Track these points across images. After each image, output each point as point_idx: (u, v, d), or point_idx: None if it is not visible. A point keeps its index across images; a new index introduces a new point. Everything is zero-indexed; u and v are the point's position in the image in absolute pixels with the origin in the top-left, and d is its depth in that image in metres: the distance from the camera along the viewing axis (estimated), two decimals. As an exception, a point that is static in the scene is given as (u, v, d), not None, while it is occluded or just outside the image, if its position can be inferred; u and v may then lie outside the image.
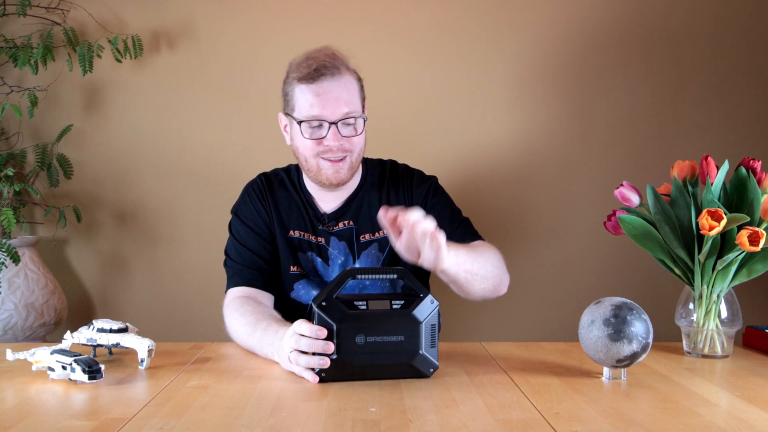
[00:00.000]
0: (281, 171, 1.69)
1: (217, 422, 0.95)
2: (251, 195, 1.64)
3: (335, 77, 1.46)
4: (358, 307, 1.16)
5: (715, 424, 0.97)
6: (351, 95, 1.48)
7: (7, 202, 2.22)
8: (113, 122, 2.39)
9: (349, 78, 1.49)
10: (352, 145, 1.50)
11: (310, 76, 1.45)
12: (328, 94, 1.45)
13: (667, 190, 1.42)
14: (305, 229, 1.59)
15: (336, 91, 1.45)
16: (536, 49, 2.38)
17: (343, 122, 1.47)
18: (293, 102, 1.50)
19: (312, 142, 1.48)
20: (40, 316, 2.22)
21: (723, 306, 1.38)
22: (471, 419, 0.97)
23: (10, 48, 2.25)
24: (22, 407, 1.01)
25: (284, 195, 1.62)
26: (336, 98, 1.45)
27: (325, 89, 1.45)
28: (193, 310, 2.39)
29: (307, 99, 1.46)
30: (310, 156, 1.50)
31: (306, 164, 1.53)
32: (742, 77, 2.40)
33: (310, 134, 1.48)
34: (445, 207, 1.60)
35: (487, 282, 1.44)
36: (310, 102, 1.46)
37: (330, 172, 1.50)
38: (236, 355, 1.35)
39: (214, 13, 2.37)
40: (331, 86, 1.45)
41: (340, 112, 1.46)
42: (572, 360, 1.32)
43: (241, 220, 1.61)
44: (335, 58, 1.48)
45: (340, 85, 1.46)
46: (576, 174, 2.40)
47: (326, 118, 1.46)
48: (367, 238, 1.58)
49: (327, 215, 1.59)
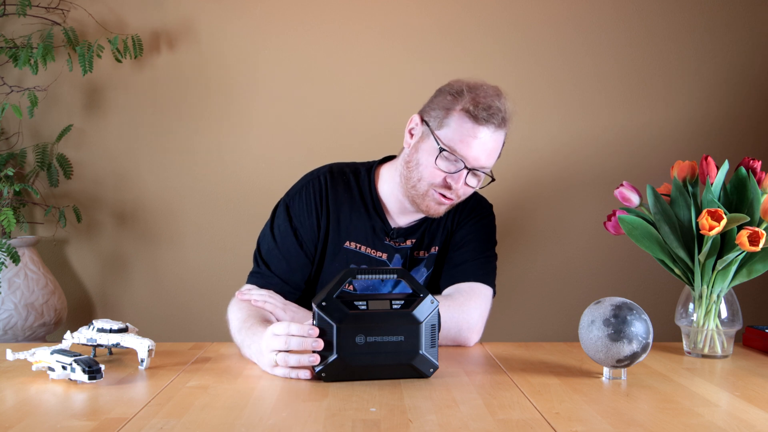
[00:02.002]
0: (348, 171, 1.56)
1: (217, 422, 0.95)
2: (309, 192, 1.51)
3: (498, 130, 1.40)
4: (358, 307, 1.16)
5: (715, 424, 0.97)
6: (495, 151, 1.43)
7: (7, 202, 2.22)
8: (113, 122, 2.39)
9: (504, 133, 1.43)
10: (465, 193, 1.45)
11: (481, 117, 1.38)
12: (484, 144, 1.39)
13: (667, 190, 1.42)
14: (366, 241, 1.51)
15: (491, 144, 1.40)
16: (536, 49, 2.38)
17: (474, 172, 1.42)
18: (446, 123, 1.41)
19: (440, 173, 1.41)
20: (40, 316, 2.22)
21: (723, 306, 1.38)
22: (471, 419, 0.97)
23: (10, 48, 2.25)
24: (22, 407, 1.01)
25: (348, 200, 1.51)
26: (486, 150, 1.40)
27: (485, 137, 1.39)
28: (193, 310, 2.39)
29: (464, 135, 1.38)
30: (427, 181, 1.42)
31: (417, 183, 1.44)
32: (742, 77, 2.40)
33: (445, 167, 1.41)
34: (478, 236, 1.54)
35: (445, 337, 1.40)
36: (465, 140, 1.38)
37: (434, 205, 1.44)
38: (236, 355, 1.35)
39: (214, 13, 2.37)
40: (491, 138, 1.40)
41: (480, 163, 1.41)
42: (572, 360, 1.32)
43: (290, 215, 1.50)
44: (507, 111, 1.41)
45: (496, 139, 1.41)
46: (576, 174, 2.40)
47: (467, 162, 1.40)
48: (421, 255, 1.54)
49: (398, 230, 1.52)
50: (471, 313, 1.42)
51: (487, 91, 1.42)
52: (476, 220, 1.57)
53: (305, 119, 2.40)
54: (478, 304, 1.44)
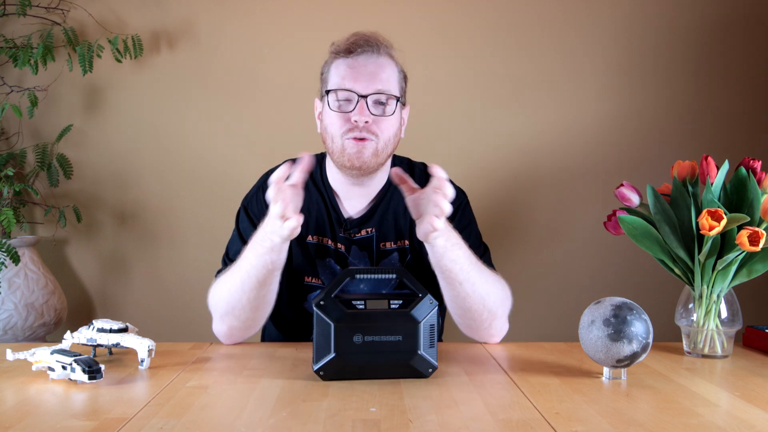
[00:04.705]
0: None
1: (217, 422, 0.95)
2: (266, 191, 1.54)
3: (374, 54, 1.39)
4: (356, 307, 1.16)
5: (715, 424, 0.97)
6: (388, 75, 1.40)
7: (7, 202, 2.22)
8: (113, 122, 2.39)
9: (387, 60, 1.42)
10: (380, 128, 1.40)
11: (348, 49, 1.39)
12: (362, 68, 1.38)
13: (667, 190, 1.42)
14: (324, 233, 1.50)
15: (371, 66, 1.39)
16: (537, 49, 2.38)
17: (375, 99, 1.38)
18: (327, 77, 1.43)
19: (338, 117, 1.39)
20: (40, 316, 2.22)
21: (723, 306, 1.38)
22: (471, 419, 0.97)
23: (10, 48, 2.25)
24: (22, 407, 1.01)
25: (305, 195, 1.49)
26: (370, 73, 1.38)
27: (360, 63, 1.38)
28: (193, 310, 2.39)
29: (340, 71, 1.40)
30: (337, 134, 1.40)
31: (332, 144, 1.43)
32: (742, 77, 2.40)
33: (337, 107, 1.39)
34: (470, 235, 1.49)
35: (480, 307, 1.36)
36: (343, 74, 1.39)
37: (353, 152, 1.40)
38: (236, 355, 1.35)
39: (214, 13, 2.37)
40: (367, 61, 1.39)
41: (372, 88, 1.37)
42: (572, 360, 1.32)
43: (250, 216, 1.51)
44: (378, 39, 1.41)
45: (377, 62, 1.39)
46: (576, 174, 2.40)
47: (356, 91, 1.37)
48: (388, 247, 1.50)
49: (350, 221, 1.50)
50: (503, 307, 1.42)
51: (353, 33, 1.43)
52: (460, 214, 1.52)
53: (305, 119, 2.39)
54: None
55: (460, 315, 1.40)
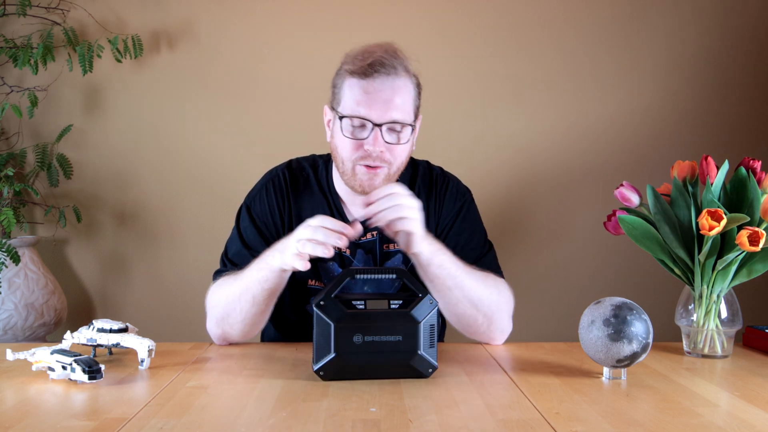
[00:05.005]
0: (307, 165, 1.53)
1: (217, 422, 0.95)
2: (269, 191, 1.49)
3: (390, 77, 1.32)
4: (356, 307, 1.16)
5: (715, 424, 0.97)
6: (404, 100, 1.34)
7: (7, 202, 2.22)
8: (113, 122, 2.39)
9: (405, 81, 1.35)
10: (393, 155, 1.36)
11: (363, 70, 1.31)
12: (378, 94, 1.32)
13: (667, 190, 1.42)
14: None
15: (387, 92, 1.32)
16: (536, 49, 2.38)
17: (389, 127, 1.34)
18: (340, 95, 1.36)
19: (351, 143, 1.34)
20: (40, 316, 2.22)
21: (723, 306, 1.38)
22: (471, 419, 0.97)
23: (10, 48, 2.25)
24: (22, 407, 1.01)
25: (309, 197, 1.48)
26: (386, 100, 1.32)
27: (375, 88, 1.32)
28: (193, 310, 2.38)
29: (355, 95, 1.33)
30: (348, 159, 1.36)
31: (342, 166, 1.39)
32: (741, 77, 2.40)
33: (351, 133, 1.34)
34: (474, 233, 1.49)
35: (473, 312, 1.35)
36: (358, 99, 1.32)
37: (365, 179, 1.36)
38: (236, 355, 1.35)
39: (214, 13, 2.37)
40: (383, 86, 1.32)
41: (387, 117, 1.32)
42: (572, 360, 1.32)
43: (252, 216, 1.48)
44: (395, 56, 1.34)
45: (393, 86, 1.33)
46: (576, 174, 2.40)
47: (371, 119, 1.32)
48: (392, 248, 1.48)
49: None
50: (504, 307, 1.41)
51: (370, 48, 1.35)
52: (464, 212, 1.51)
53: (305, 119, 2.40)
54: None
55: (455, 322, 1.40)
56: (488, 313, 1.37)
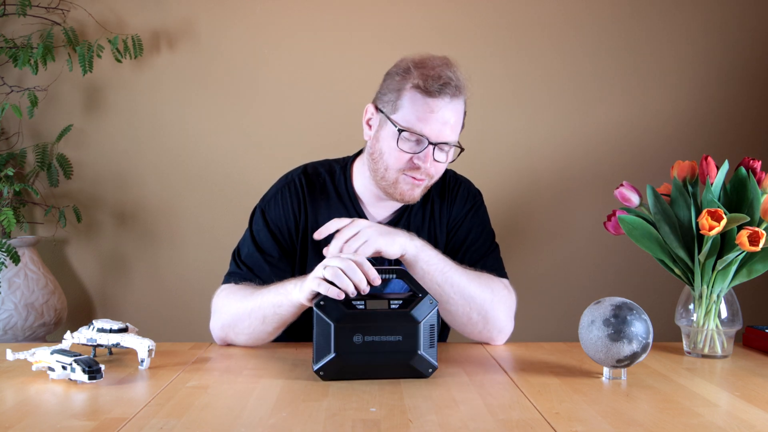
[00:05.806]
0: (323, 171, 1.53)
1: (217, 422, 0.95)
2: (285, 196, 1.49)
3: (453, 100, 1.36)
4: (356, 307, 1.16)
5: (715, 424, 0.97)
6: (457, 122, 1.39)
7: (7, 202, 2.22)
8: (113, 122, 2.39)
9: (461, 103, 1.39)
10: (436, 171, 1.41)
11: (433, 90, 1.34)
12: (442, 116, 1.35)
13: (667, 190, 1.42)
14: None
15: (448, 114, 1.36)
16: (537, 49, 2.38)
17: (440, 147, 1.38)
18: (399, 104, 1.37)
19: (402, 154, 1.37)
20: (40, 316, 2.22)
21: (723, 306, 1.38)
22: (471, 419, 0.97)
23: (10, 48, 2.25)
24: (22, 407, 1.01)
25: (325, 204, 1.49)
26: (445, 122, 1.36)
27: (439, 106, 1.35)
28: (193, 310, 2.39)
29: (418, 111, 1.35)
30: (394, 168, 1.39)
31: (384, 173, 1.40)
32: (742, 77, 2.40)
33: (409, 148, 1.37)
34: (481, 234, 1.51)
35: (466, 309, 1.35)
36: (420, 115, 1.35)
37: (406, 189, 1.40)
38: (236, 355, 1.35)
39: (214, 13, 2.37)
40: (447, 108, 1.36)
41: (443, 137, 1.36)
42: (572, 360, 1.32)
43: (266, 220, 1.48)
44: (459, 79, 1.37)
45: (454, 109, 1.37)
46: (576, 174, 2.40)
47: (429, 138, 1.35)
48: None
49: None
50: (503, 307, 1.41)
51: (435, 62, 1.38)
52: (473, 213, 1.53)
53: (305, 119, 2.40)
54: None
55: (451, 321, 1.40)
56: (482, 310, 1.37)
